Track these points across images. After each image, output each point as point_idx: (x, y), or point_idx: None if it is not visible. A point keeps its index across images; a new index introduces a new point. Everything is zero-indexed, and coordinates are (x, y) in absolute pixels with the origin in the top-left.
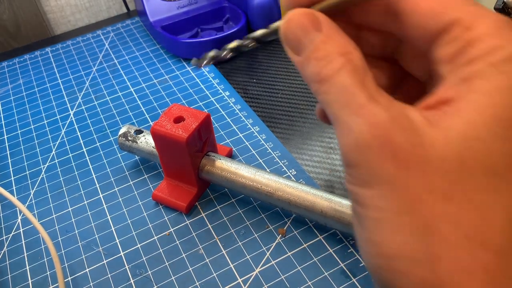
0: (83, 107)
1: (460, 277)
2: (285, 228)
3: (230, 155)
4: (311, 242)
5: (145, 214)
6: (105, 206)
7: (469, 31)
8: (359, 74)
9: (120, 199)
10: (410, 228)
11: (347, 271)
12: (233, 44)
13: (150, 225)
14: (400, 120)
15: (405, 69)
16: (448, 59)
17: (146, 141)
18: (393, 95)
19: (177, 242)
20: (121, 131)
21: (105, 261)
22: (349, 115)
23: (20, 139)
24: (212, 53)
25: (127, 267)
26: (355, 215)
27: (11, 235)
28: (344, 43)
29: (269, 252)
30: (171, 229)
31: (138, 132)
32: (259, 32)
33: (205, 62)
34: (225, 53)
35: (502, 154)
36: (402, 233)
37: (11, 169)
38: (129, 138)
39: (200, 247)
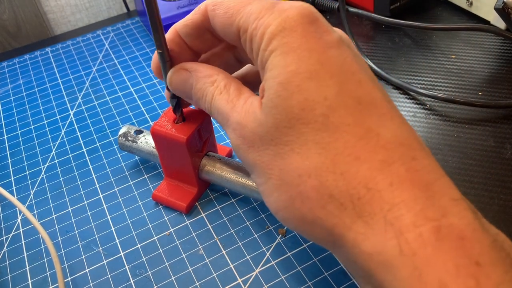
0: (83, 107)
1: (305, 201)
2: (285, 228)
3: (230, 155)
4: (311, 242)
5: (145, 214)
6: (105, 206)
7: (246, 32)
8: (222, 94)
9: (120, 199)
10: (274, 187)
11: (347, 272)
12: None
13: (150, 225)
14: (245, 117)
15: None
16: (254, 58)
17: (146, 141)
18: None
19: (177, 242)
20: (121, 131)
21: (105, 261)
22: (226, 128)
23: (20, 139)
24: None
25: (127, 267)
26: None
27: (11, 235)
28: (210, 74)
29: (269, 252)
30: (171, 229)
31: (138, 132)
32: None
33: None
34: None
35: (297, 106)
36: (272, 194)
37: (11, 169)
38: (129, 138)
39: (200, 247)
